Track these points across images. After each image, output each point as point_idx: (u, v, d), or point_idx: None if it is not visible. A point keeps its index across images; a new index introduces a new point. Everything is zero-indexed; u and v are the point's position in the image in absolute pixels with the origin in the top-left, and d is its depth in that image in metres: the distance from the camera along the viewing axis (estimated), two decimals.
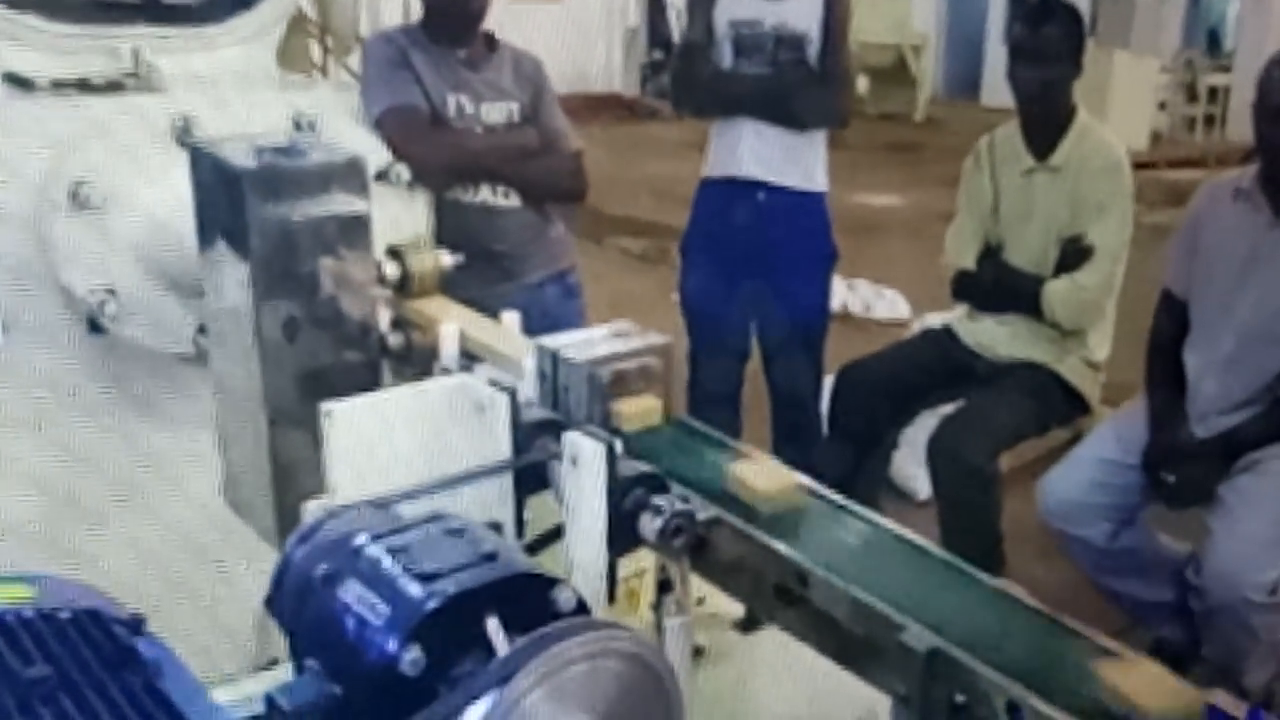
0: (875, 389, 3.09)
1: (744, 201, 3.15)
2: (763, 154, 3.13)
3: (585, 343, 1.48)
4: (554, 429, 1.34)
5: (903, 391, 3.14)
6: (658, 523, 1.15)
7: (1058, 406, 3.03)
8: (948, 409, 3.10)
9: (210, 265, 1.64)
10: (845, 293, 5.84)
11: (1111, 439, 2.70)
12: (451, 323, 1.79)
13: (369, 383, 1.66)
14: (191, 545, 2.33)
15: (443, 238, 2.53)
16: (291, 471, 1.56)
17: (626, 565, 1.21)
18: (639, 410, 1.42)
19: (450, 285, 2.78)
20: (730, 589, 1.33)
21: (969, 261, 3.11)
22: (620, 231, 7.74)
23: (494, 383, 1.32)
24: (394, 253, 1.97)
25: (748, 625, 1.49)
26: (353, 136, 2.52)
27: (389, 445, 1.31)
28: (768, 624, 1.39)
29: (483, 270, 2.94)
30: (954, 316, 3.35)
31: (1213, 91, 12.13)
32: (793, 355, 3.25)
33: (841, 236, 3.34)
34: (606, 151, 9.46)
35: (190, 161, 1.65)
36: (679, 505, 1.15)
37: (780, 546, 1.18)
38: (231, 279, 1.60)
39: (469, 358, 1.77)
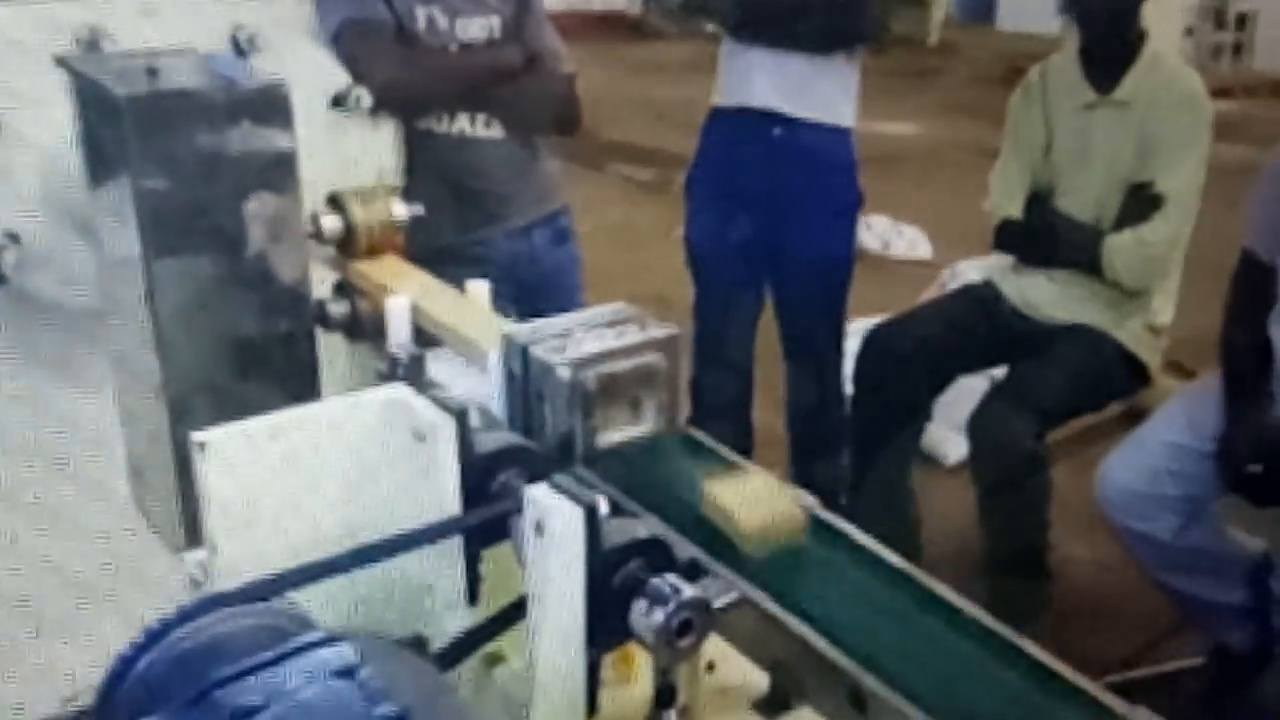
0: (908, 353, 2.71)
1: (758, 135, 2.74)
2: (780, 81, 2.72)
3: (568, 334, 1.11)
4: (519, 461, 0.99)
5: (938, 356, 2.76)
6: (657, 617, 0.80)
7: (1115, 377, 2.66)
8: (986, 377, 2.73)
9: (99, 210, 1.37)
10: (862, 230, 5.43)
11: (1182, 421, 2.33)
12: (400, 295, 1.43)
13: (299, 362, 1.42)
14: (117, 525, 1.99)
15: (413, 175, 2.16)
16: None
17: None
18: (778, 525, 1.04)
19: (423, 231, 2.43)
20: (747, 651, 0.99)
21: (1015, 209, 2.74)
22: (623, 158, 7.34)
23: (436, 401, 0.96)
24: (334, 201, 1.61)
25: (775, 706, 1.14)
26: (307, 56, 2.15)
27: (289, 488, 0.96)
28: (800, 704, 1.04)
29: (461, 213, 2.59)
30: (994, 267, 2.98)
31: (1240, 18, 11.59)
32: (810, 310, 2.87)
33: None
34: (608, 73, 9.05)
35: (70, 84, 1.34)
36: (688, 592, 0.81)
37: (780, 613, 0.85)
38: (120, 231, 1.31)
39: (425, 338, 1.42)
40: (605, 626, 0.82)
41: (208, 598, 0.79)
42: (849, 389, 2.86)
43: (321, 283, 1.75)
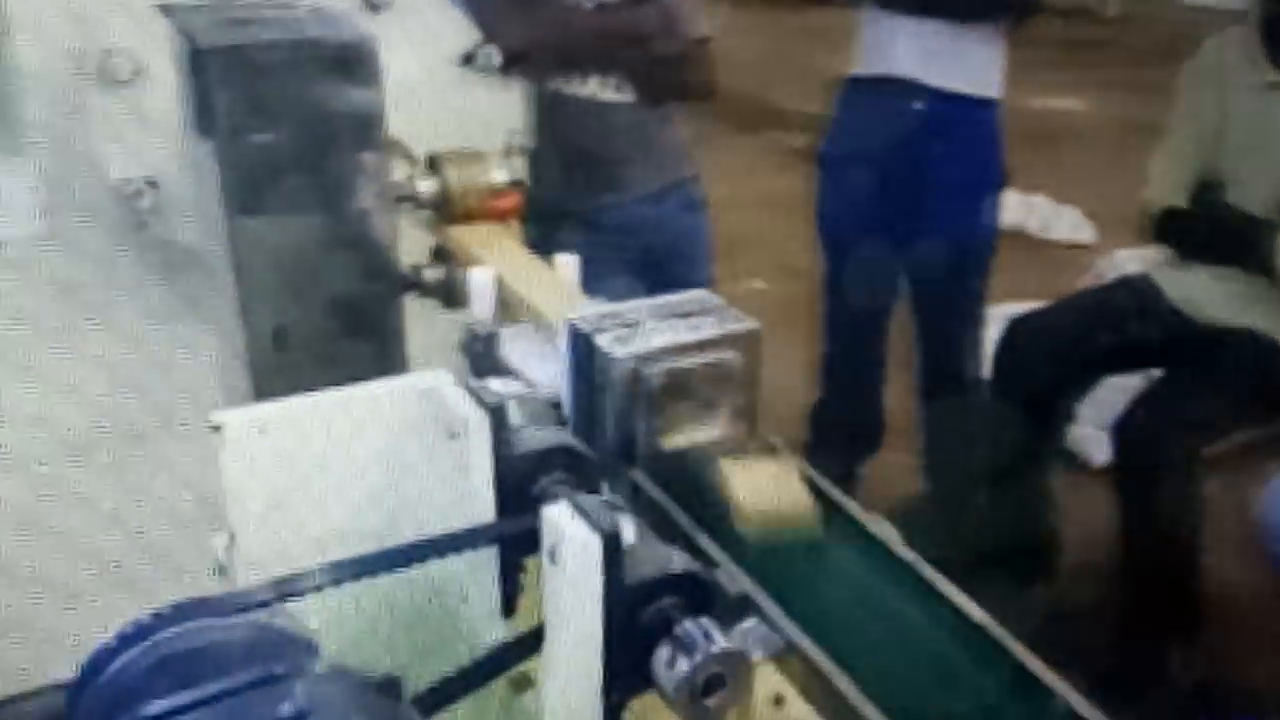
0: (1051, 348, 2.52)
1: (898, 107, 2.58)
2: (923, 49, 2.55)
3: (637, 323, 1.01)
4: (566, 464, 0.90)
5: (1085, 354, 2.55)
6: (681, 668, 0.70)
7: None
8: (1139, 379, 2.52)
9: (197, 160, 1.34)
10: (1021, 209, 5.18)
11: None
12: (484, 266, 1.34)
13: (383, 328, 1.39)
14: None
15: (542, 137, 2.08)
16: None
17: None
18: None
19: (548, 195, 2.35)
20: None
21: (1179, 198, 2.51)
22: (779, 125, 7.16)
23: (472, 394, 0.87)
24: (432, 163, 1.53)
25: None
26: (438, 13, 2.08)
27: (313, 479, 0.88)
28: None
29: (588, 178, 2.51)
30: (1154, 260, 2.75)
31: None
32: (947, 293, 2.70)
33: (1016, 145, 2.76)
34: (768, 38, 8.84)
35: (169, 33, 1.34)
36: (720, 643, 0.70)
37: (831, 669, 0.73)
38: (209, 183, 1.29)
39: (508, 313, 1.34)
40: (627, 671, 0.72)
41: (190, 603, 0.72)
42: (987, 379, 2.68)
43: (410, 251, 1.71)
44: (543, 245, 2.49)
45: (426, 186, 1.52)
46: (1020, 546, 2.54)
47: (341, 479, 0.90)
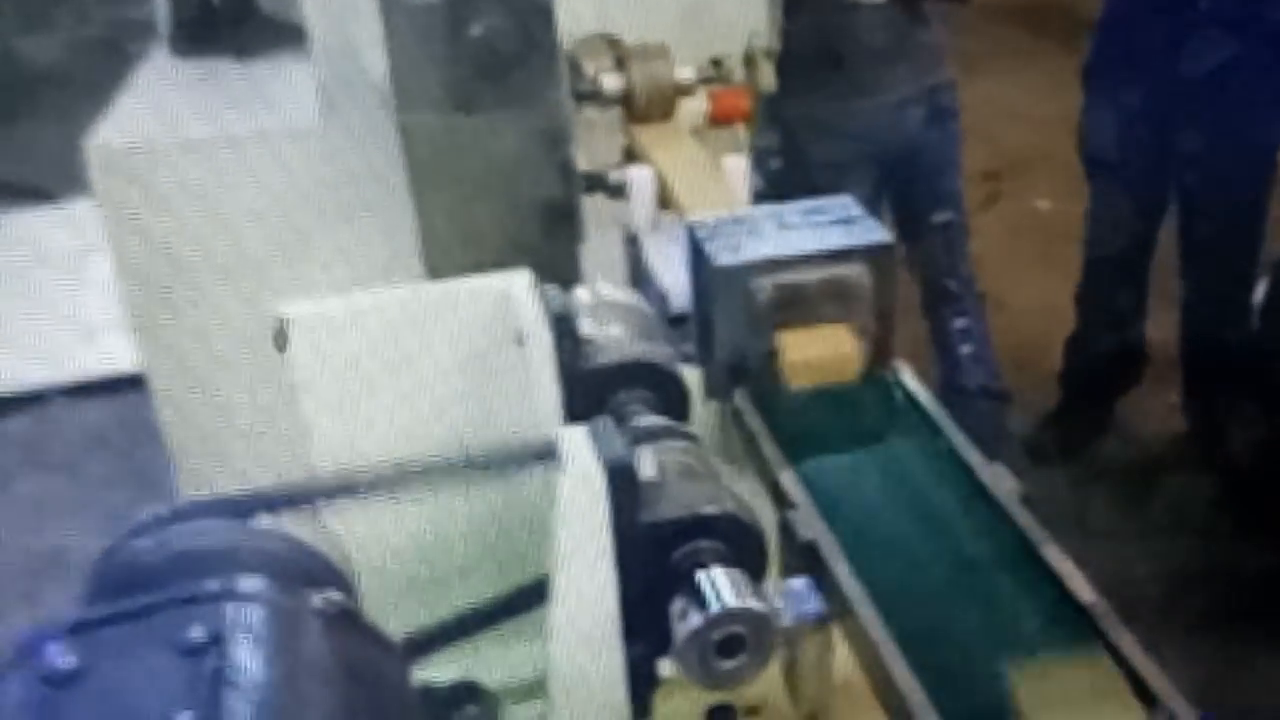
0: None
1: (1178, 8, 2.28)
2: None
3: (757, 229, 0.90)
4: (652, 383, 0.81)
5: None
6: (693, 622, 0.60)
7: None
8: None
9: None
10: None
11: None
12: (646, 165, 1.25)
13: (563, 231, 1.30)
14: None
15: (790, 40, 1.97)
16: None
17: None
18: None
19: (794, 99, 2.24)
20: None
21: None
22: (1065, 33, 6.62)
23: (545, 299, 0.79)
24: (619, 59, 1.45)
25: None
26: None
27: (385, 377, 0.83)
28: None
29: (835, 82, 2.37)
30: None
31: None
32: (1224, 217, 2.37)
33: None
34: None
35: None
36: (732, 600, 0.60)
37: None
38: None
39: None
40: (642, 625, 0.64)
41: (208, 501, 0.68)
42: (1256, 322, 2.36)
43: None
44: (783, 152, 2.40)
45: (611, 82, 1.44)
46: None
47: (413, 381, 0.84)
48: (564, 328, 0.77)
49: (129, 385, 2.68)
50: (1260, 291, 2.38)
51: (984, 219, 2.66)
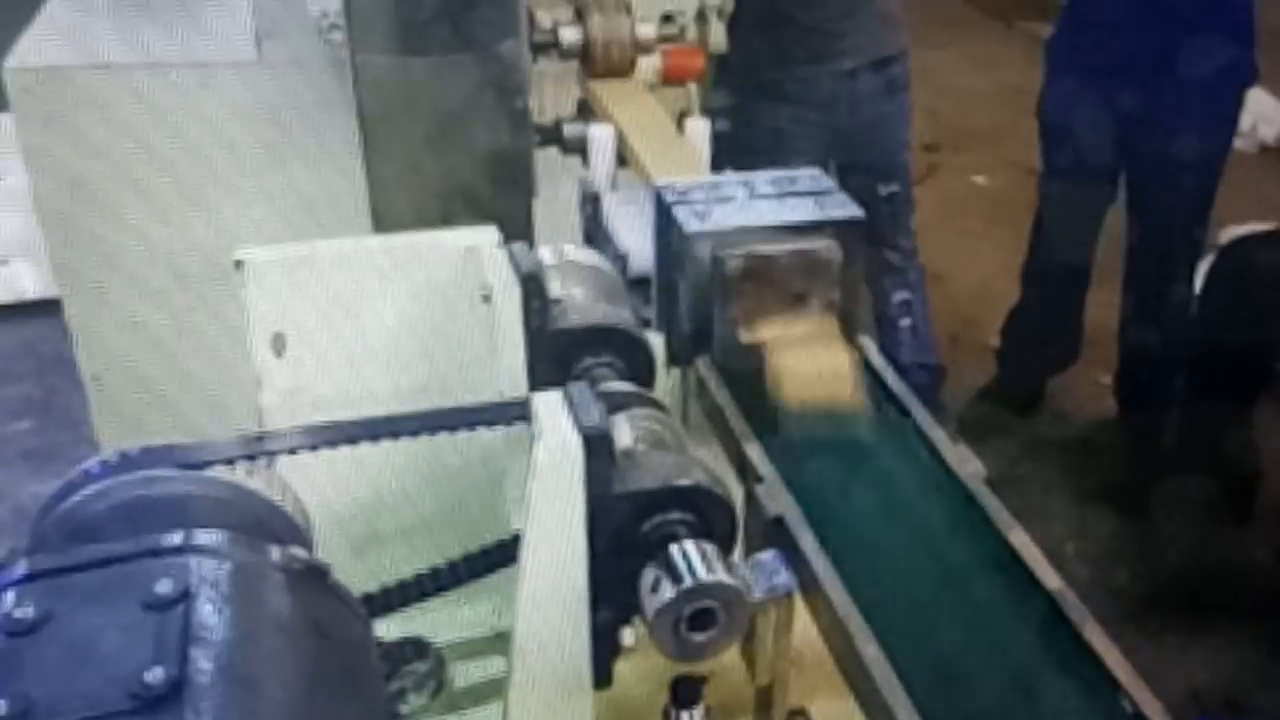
0: (1273, 280, 2.22)
1: None
2: None
3: (729, 198, 0.89)
4: (619, 347, 0.80)
5: None
6: (664, 595, 0.60)
7: None
8: None
9: None
10: (1276, 115, 4.58)
11: None
12: (605, 124, 1.23)
13: (509, 180, 1.25)
14: None
15: (743, 4, 1.94)
16: None
17: None
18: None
19: (743, 61, 2.22)
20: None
21: None
22: (1036, 16, 6.65)
23: (512, 256, 0.77)
24: (579, 12, 1.42)
25: None
26: None
27: (343, 327, 0.81)
28: None
29: (786, 46, 2.36)
30: None
31: None
32: (1170, 202, 2.40)
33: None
34: None
35: None
36: (704, 575, 0.60)
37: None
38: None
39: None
40: (609, 591, 0.63)
41: (154, 450, 0.66)
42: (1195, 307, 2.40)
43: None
44: (731, 113, 2.38)
45: (569, 35, 1.42)
46: (1221, 484, 2.32)
47: (373, 332, 0.82)
48: (532, 287, 0.76)
49: (39, 310, 2.61)
50: (1201, 276, 2.42)
51: (921, 191, 2.67)
